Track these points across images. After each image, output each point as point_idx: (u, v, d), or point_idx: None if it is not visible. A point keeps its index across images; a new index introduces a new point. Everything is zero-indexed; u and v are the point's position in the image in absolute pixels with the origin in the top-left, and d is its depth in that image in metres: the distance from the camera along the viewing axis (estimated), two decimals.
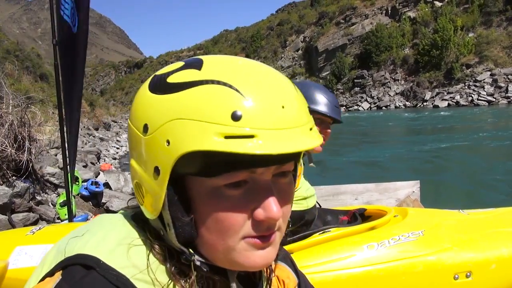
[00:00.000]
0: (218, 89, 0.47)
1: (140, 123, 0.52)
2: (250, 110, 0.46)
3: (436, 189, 7.18)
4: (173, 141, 0.47)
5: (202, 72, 0.50)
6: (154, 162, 0.50)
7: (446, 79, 48.58)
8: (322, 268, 1.52)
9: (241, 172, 0.49)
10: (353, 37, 65.16)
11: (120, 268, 0.50)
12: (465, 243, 1.60)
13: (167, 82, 0.51)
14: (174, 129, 0.47)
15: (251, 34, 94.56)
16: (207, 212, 0.51)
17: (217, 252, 0.53)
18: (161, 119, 0.49)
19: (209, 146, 0.45)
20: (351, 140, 18.53)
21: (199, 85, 0.48)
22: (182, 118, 0.47)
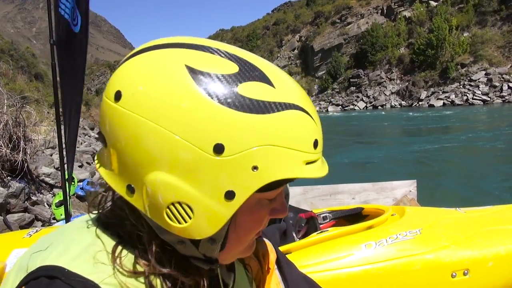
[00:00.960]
0: (301, 116, 0.47)
1: (208, 142, 0.44)
2: (320, 136, 0.49)
3: (432, 188, 7.21)
4: (262, 167, 0.44)
5: (278, 91, 0.47)
6: (228, 185, 0.45)
7: (441, 79, 48.82)
8: (321, 267, 1.53)
9: (283, 187, 0.52)
10: (349, 37, 65.30)
11: (87, 274, 0.47)
12: (462, 241, 1.61)
13: (239, 94, 0.45)
14: (265, 155, 0.44)
15: (247, 34, 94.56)
16: (245, 220, 0.51)
17: (234, 253, 0.54)
18: (248, 143, 0.44)
19: (297, 174, 0.46)
20: (347, 139, 18.56)
21: (286, 110, 0.46)
22: (275, 145, 0.45)
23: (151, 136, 0.45)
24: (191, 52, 0.47)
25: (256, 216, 0.51)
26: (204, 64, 0.46)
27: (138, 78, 0.46)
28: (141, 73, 0.46)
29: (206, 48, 0.48)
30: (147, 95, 0.45)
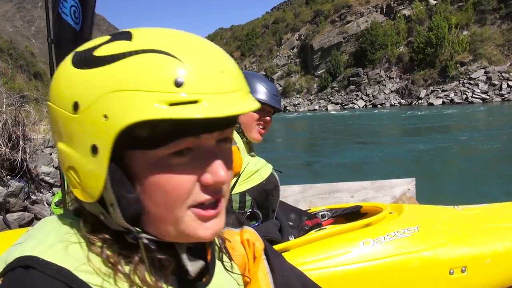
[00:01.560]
0: (155, 57, 0.46)
1: (68, 102, 0.48)
2: (191, 75, 0.46)
3: (431, 186, 7.22)
4: (111, 115, 0.45)
5: (134, 43, 0.48)
6: (90, 140, 0.47)
7: (441, 77, 48.85)
8: (319, 265, 1.53)
9: (186, 140, 0.49)
10: (348, 35, 65.29)
11: (61, 262, 0.48)
12: (460, 238, 1.61)
13: (94, 55, 0.48)
14: (111, 102, 0.45)
15: (246, 32, 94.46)
16: (154, 185, 0.49)
17: (166, 226, 0.52)
18: (93, 94, 0.46)
19: (153, 115, 0.44)
20: (346, 138, 18.58)
21: (134, 55, 0.46)
22: (118, 90, 0.45)
23: (50, 114, 0.52)
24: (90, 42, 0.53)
25: (165, 177, 0.49)
26: (83, 47, 0.51)
27: None
28: None
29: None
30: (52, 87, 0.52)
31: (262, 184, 1.70)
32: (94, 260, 0.50)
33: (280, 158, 13.25)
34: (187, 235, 0.53)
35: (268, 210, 1.75)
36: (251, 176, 1.69)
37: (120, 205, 0.49)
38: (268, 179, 1.73)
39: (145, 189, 0.50)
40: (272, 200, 1.76)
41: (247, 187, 1.67)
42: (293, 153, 15.07)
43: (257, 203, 1.69)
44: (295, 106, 64.39)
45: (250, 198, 1.67)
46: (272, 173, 1.76)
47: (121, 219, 0.50)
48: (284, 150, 16.59)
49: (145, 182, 0.50)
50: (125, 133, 0.46)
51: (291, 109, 63.52)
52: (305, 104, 63.91)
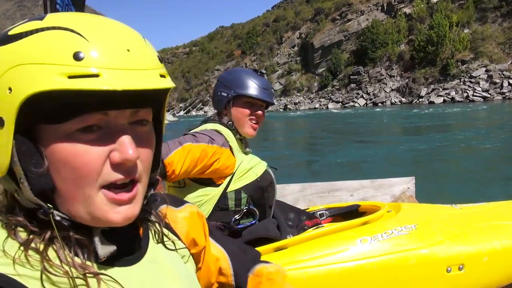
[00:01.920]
0: (59, 34, 0.48)
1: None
2: (93, 51, 0.47)
3: (431, 185, 7.22)
4: (15, 87, 0.47)
5: (44, 21, 0.50)
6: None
7: (442, 75, 48.82)
8: (316, 262, 1.54)
9: (93, 115, 0.49)
10: (349, 34, 65.24)
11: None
12: (458, 236, 1.62)
13: (8, 34, 0.50)
14: (15, 75, 0.47)
15: (247, 31, 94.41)
16: (62, 160, 0.50)
17: (77, 205, 0.51)
18: (1, 68, 0.48)
19: (51, 85, 0.45)
20: (346, 136, 18.58)
21: (40, 32, 0.48)
22: (21, 64, 0.47)
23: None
24: None
25: (72, 153, 0.49)
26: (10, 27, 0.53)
27: None
28: None
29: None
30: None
31: (257, 181, 1.70)
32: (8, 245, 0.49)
33: (280, 156, 13.26)
34: (98, 217, 0.52)
35: (264, 207, 1.76)
36: (245, 174, 1.70)
37: (28, 179, 0.49)
38: (263, 176, 1.73)
39: (54, 164, 0.50)
40: (268, 197, 1.77)
41: (242, 185, 1.68)
42: (293, 152, 15.08)
43: (253, 200, 1.70)
44: (295, 104, 64.39)
45: (246, 195, 1.68)
46: (266, 170, 1.77)
47: (29, 194, 0.49)
48: (284, 149, 16.59)
49: (53, 157, 0.50)
50: (29, 105, 0.47)
51: (292, 107, 63.53)
52: (305, 103, 63.90)
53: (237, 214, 1.67)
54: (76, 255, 0.52)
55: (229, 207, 1.67)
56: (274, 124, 31.87)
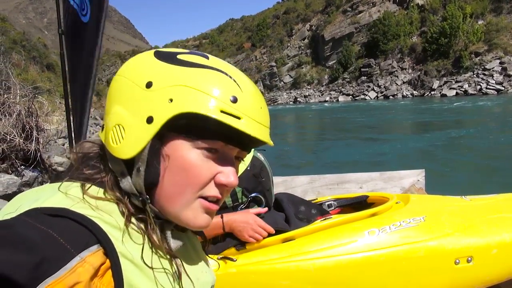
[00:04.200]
0: (223, 77, 0.61)
1: (143, 80, 0.61)
2: (243, 99, 0.61)
3: (442, 178, 7.16)
4: (176, 100, 0.58)
5: (210, 61, 0.63)
6: (150, 112, 0.59)
7: (455, 68, 48.00)
8: (323, 254, 1.54)
9: (219, 142, 0.62)
10: (360, 26, 64.44)
11: (56, 204, 0.55)
12: (467, 228, 1.60)
13: (177, 57, 0.62)
14: (180, 92, 0.59)
15: (257, 23, 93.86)
16: (182, 166, 0.61)
17: (173, 206, 0.62)
18: (168, 82, 0.59)
19: (207, 112, 0.58)
20: (356, 129, 18.45)
21: (208, 69, 0.61)
22: (188, 86, 0.59)
23: (117, 83, 0.64)
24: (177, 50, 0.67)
25: (192, 161, 0.61)
26: (172, 50, 0.66)
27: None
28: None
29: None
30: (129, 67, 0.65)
31: (247, 171, 1.67)
32: (114, 213, 0.60)
33: (289, 149, 13.24)
34: (187, 219, 0.64)
35: (263, 192, 1.74)
36: None
37: (146, 171, 0.60)
38: (252, 164, 1.70)
39: (171, 167, 0.61)
40: (264, 182, 1.73)
41: None
42: (302, 145, 15.04)
43: (249, 190, 1.67)
44: (305, 97, 64.02)
45: (240, 188, 1.64)
46: (254, 156, 1.74)
47: (142, 182, 0.61)
48: (293, 142, 16.56)
49: (175, 162, 0.61)
50: (179, 118, 0.58)
51: (302, 100, 63.19)
52: (315, 96, 63.47)
53: (241, 206, 1.66)
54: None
55: (226, 205, 1.65)
56: (284, 117, 31.77)
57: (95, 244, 0.53)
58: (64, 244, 0.49)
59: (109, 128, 0.62)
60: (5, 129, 6.17)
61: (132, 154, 0.60)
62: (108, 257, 0.54)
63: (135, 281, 0.56)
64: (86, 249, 0.51)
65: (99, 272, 0.52)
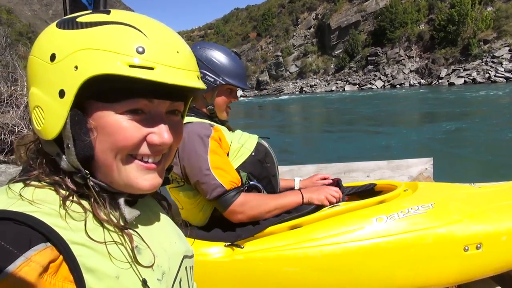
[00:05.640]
0: (125, 29, 0.58)
1: (47, 53, 0.58)
2: (151, 48, 0.57)
3: (450, 167, 7.11)
4: (81, 66, 0.55)
5: (111, 16, 0.59)
6: (60, 85, 0.57)
7: (463, 56, 47.43)
8: (331, 240, 1.53)
9: (141, 101, 0.60)
10: (367, 14, 63.72)
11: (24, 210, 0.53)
12: (476, 215, 1.58)
13: (76, 21, 0.59)
14: (83, 57, 0.56)
15: (262, 12, 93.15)
16: (107, 134, 0.59)
17: (113, 172, 0.61)
18: (69, 49, 0.57)
19: (114, 70, 0.55)
20: (363, 118, 18.35)
21: (108, 24, 0.58)
22: (90, 48, 0.56)
23: (29, 64, 0.62)
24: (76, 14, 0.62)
25: (116, 127, 0.59)
26: (74, 15, 0.61)
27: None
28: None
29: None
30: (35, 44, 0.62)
31: (252, 156, 1.70)
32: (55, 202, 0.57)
33: (296, 139, 13.22)
34: (130, 184, 0.62)
35: (269, 178, 1.77)
36: (238, 152, 1.69)
37: (75, 146, 0.58)
38: (257, 149, 1.73)
39: (99, 136, 0.59)
40: (269, 167, 1.77)
41: (238, 164, 1.67)
42: (309, 134, 15.01)
43: (254, 176, 1.70)
44: (311, 87, 63.72)
45: (245, 173, 1.68)
46: (258, 142, 1.77)
47: (74, 158, 0.58)
48: (300, 131, 16.53)
49: (100, 131, 0.59)
50: (89, 83, 0.56)
51: (308, 90, 62.91)
52: (322, 85, 63.15)
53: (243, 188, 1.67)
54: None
55: None
56: (290, 107, 31.67)
57: (41, 242, 0.51)
58: (6, 247, 0.48)
59: (31, 112, 0.61)
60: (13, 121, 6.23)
61: (56, 133, 0.58)
62: (58, 249, 0.52)
63: (91, 263, 0.54)
64: (31, 248, 0.49)
65: (50, 269, 0.51)
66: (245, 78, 1.80)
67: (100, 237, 0.58)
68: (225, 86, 1.73)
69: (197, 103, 1.78)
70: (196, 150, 1.56)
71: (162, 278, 0.65)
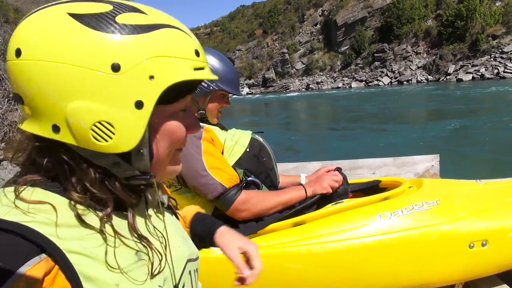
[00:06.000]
0: (178, 33, 0.59)
1: (104, 63, 0.52)
2: (198, 49, 0.61)
3: (456, 163, 7.05)
4: (157, 75, 0.55)
5: (150, 16, 0.57)
6: (135, 97, 0.54)
7: (471, 51, 46.94)
8: (335, 237, 1.52)
9: (187, 98, 0.64)
10: (373, 10, 63.24)
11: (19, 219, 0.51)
12: (481, 211, 1.57)
13: (122, 23, 0.54)
14: (156, 65, 0.55)
15: (268, 9, 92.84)
16: (166, 133, 0.62)
17: (162, 167, 0.65)
18: (137, 58, 0.54)
19: (188, 76, 0.58)
20: (369, 115, 18.26)
21: (163, 28, 0.57)
22: (160, 56, 0.55)
23: (58, 74, 0.52)
24: (69, 3, 0.55)
25: (173, 126, 0.62)
26: (82, 9, 0.54)
27: (30, 32, 0.53)
28: (32, 29, 0.53)
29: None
30: (43, 42, 0.52)
31: (246, 152, 1.70)
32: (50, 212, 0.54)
33: (302, 135, 13.20)
34: (174, 170, 0.68)
35: (266, 172, 1.77)
36: (232, 150, 1.70)
37: (150, 152, 0.60)
38: (251, 145, 1.73)
39: (158, 137, 0.61)
40: (265, 162, 1.77)
41: (233, 162, 1.67)
42: (314, 131, 14.97)
43: (252, 171, 1.71)
44: (318, 84, 63.48)
45: (241, 170, 1.68)
46: (252, 138, 1.76)
47: (147, 161, 0.60)
48: (305, 128, 16.49)
49: (160, 132, 0.61)
50: None
51: (314, 87, 62.69)
52: (328, 82, 62.87)
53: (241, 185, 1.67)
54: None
55: None
56: (296, 104, 31.60)
57: (36, 255, 0.50)
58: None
59: (85, 128, 0.54)
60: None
61: (135, 144, 0.57)
62: (55, 259, 0.51)
63: (89, 272, 0.54)
64: (25, 264, 0.48)
65: (45, 282, 0.50)
66: (238, 84, 1.80)
67: (98, 245, 0.56)
68: (218, 92, 1.72)
69: None
70: (190, 152, 1.55)
71: (164, 284, 0.64)
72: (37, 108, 0.54)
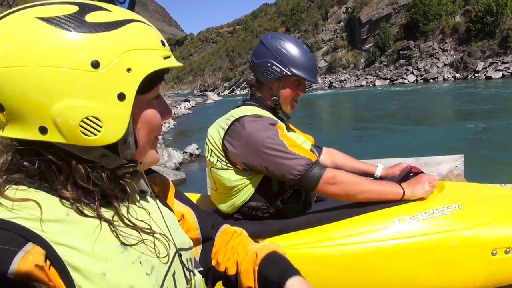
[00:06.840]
0: (144, 26, 0.64)
1: (84, 62, 0.55)
2: (163, 39, 0.66)
3: (482, 164, 6.82)
4: (134, 68, 0.59)
5: (115, 14, 0.61)
6: (117, 89, 0.58)
7: (501, 48, 45.36)
8: (351, 240, 1.50)
9: (159, 86, 0.69)
10: (399, 6, 62.00)
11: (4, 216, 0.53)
12: (506, 217, 1.51)
13: (90, 22, 0.58)
14: (130, 58, 0.59)
15: (291, 7, 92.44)
16: (145, 122, 0.66)
17: (144, 155, 0.70)
18: (113, 53, 0.58)
19: (160, 65, 0.63)
20: (392, 114, 17.92)
21: (130, 23, 0.61)
22: (134, 49, 0.60)
23: (40, 77, 0.54)
24: (34, 8, 0.57)
25: (150, 114, 0.67)
26: (50, 13, 0.56)
27: (3, 41, 0.54)
28: (3, 37, 0.54)
29: (44, 2, 0.59)
30: (20, 48, 0.53)
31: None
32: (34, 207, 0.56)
33: (323, 134, 13.08)
34: (153, 159, 0.72)
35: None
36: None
37: (135, 141, 0.66)
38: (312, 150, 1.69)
39: (139, 126, 0.66)
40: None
41: None
42: (337, 130, 14.82)
43: None
44: (341, 82, 62.73)
45: None
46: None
47: (133, 150, 0.65)
48: (328, 127, 16.35)
49: (139, 120, 0.66)
50: None
51: (337, 85, 61.98)
52: (351, 80, 62.06)
53: (283, 195, 1.63)
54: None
55: (272, 188, 1.63)
56: (319, 102, 31.37)
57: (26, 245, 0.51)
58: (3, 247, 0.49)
59: (74, 126, 0.57)
60: None
61: (121, 134, 0.61)
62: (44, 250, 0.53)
63: (76, 262, 0.55)
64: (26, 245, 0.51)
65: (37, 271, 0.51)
66: (315, 72, 1.74)
67: (84, 236, 0.58)
68: (292, 78, 1.68)
69: (262, 93, 1.75)
70: (269, 135, 1.52)
71: (152, 272, 0.65)
72: (19, 113, 0.55)
